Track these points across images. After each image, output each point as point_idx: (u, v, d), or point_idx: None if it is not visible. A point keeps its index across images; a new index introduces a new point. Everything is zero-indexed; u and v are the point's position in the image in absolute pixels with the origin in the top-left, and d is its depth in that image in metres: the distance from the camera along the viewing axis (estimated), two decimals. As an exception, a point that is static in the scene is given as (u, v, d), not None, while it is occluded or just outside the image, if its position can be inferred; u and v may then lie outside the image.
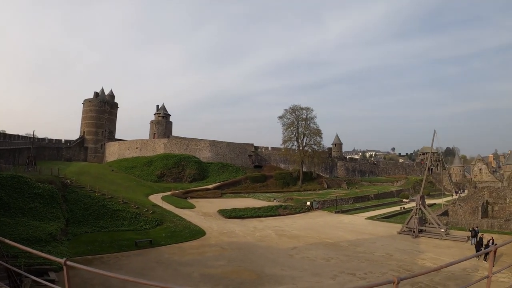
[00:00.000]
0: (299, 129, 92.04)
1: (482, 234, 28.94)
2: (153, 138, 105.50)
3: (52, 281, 15.90)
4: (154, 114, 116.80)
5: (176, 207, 51.09)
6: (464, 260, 4.80)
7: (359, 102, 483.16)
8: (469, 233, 32.22)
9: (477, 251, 25.92)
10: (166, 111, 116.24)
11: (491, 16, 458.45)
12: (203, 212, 49.20)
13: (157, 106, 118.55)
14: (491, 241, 25.99)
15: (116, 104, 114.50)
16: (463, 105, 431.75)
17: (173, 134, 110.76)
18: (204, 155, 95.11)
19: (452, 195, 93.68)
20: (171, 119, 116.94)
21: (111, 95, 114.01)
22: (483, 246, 26.61)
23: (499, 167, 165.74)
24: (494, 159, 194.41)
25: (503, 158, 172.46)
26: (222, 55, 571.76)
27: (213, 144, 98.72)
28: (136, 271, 21.06)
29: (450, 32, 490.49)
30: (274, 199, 64.37)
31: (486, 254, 21.21)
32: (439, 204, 63.80)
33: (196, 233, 34.54)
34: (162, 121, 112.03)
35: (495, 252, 5.50)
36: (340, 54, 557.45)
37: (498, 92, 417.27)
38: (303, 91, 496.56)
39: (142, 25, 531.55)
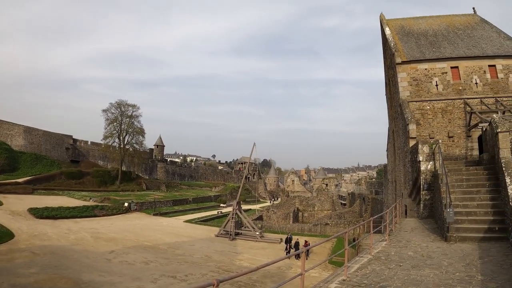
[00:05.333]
0: (123, 126, 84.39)
1: (298, 238, 31.08)
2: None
3: None
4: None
5: (-22, 204, 42.58)
6: (281, 260, 6.26)
7: (187, 106, 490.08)
8: (281, 236, 35.44)
9: (293, 251, 28.66)
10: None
11: (323, 53, 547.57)
12: (12, 210, 41.67)
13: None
14: (304, 242, 28.24)
15: None
16: (285, 123, 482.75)
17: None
18: (17, 143, 78.89)
19: (267, 202, 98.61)
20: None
21: None
22: (294, 247, 28.75)
23: (310, 180, 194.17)
24: (306, 173, 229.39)
25: (313, 172, 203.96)
26: (54, 31, 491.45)
27: (28, 131, 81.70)
28: None
29: (285, 58, 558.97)
30: (91, 199, 59.65)
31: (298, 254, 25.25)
32: (254, 210, 69.11)
33: (3, 235, 30.02)
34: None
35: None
36: (179, 57, 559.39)
37: (317, 117, 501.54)
38: (135, 87, 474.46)
39: None
